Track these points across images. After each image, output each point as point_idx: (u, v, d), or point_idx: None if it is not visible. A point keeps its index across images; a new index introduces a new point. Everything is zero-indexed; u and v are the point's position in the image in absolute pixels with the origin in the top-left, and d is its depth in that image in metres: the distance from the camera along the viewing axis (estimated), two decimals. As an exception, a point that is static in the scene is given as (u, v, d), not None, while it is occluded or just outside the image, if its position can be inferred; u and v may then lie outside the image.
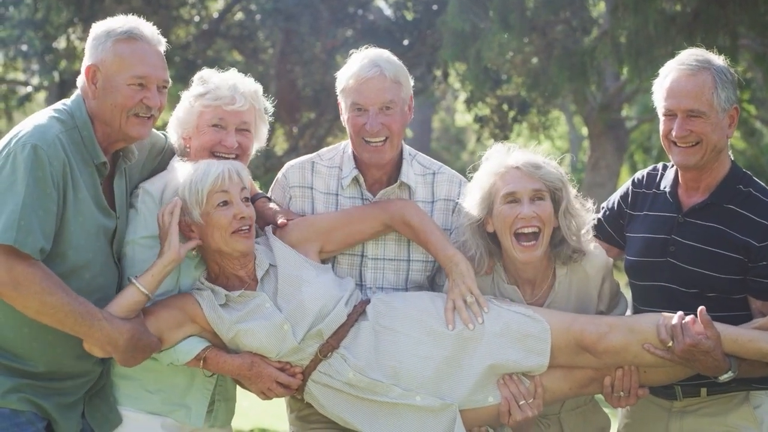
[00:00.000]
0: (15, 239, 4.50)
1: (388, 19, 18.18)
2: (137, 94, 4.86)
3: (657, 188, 5.34)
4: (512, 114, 18.14)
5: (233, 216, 4.97)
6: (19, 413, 4.72)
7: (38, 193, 4.57)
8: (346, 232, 5.28)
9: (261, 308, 5.03)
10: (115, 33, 4.85)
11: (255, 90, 5.34)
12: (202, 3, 19.52)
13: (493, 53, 13.35)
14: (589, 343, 4.96)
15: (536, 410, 5.00)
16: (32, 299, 4.59)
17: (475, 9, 12.68)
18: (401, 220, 5.24)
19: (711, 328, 4.84)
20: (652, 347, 4.91)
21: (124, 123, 4.88)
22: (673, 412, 5.31)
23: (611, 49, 11.50)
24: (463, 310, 5.03)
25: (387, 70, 5.23)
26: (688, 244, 5.14)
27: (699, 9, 11.48)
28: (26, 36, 17.52)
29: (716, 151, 5.09)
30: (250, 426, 13.96)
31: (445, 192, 5.49)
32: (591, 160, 18.77)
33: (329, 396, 5.06)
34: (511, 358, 4.97)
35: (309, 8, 17.11)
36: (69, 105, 4.89)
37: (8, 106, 20.73)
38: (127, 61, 4.84)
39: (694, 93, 5.02)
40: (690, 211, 5.18)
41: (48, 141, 4.65)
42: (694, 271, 5.11)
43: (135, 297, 4.87)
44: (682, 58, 5.12)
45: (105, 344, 4.78)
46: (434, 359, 4.98)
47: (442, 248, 5.20)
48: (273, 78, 18.13)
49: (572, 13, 14.50)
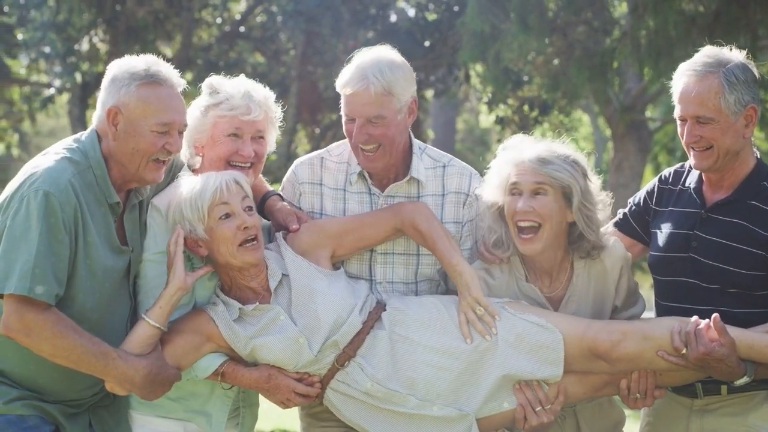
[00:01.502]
0: (29, 289, 4.52)
1: (409, 20, 18.14)
2: (160, 140, 4.84)
3: (683, 185, 5.33)
4: (533, 115, 18.09)
5: (237, 227, 4.95)
6: (25, 418, 4.73)
7: (51, 239, 4.58)
8: (358, 236, 5.26)
9: (276, 322, 5.03)
10: (139, 76, 4.81)
11: (267, 97, 5.32)
12: (225, 5, 19.56)
13: (513, 54, 13.29)
14: (603, 352, 4.94)
15: (552, 416, 5.00)
16: (45, 344, 4.61)
17: (495, 10, 12.63)
18: (411, 224, 5.22)
19: (725, 336, 4.81)
20: (666, 354, 4.89)
21: (143, 167, 4.87)
22: (693, 411, 5.29)
23: (631, 50, 11.44)
24: (476, 322, 5.03)
25: (374, 84, 5.14)
26: (711, 239, 5.13)
27: (720, 9, 11.42)
28: (48, 38, 17.60)
29: (731, 154, 5.07)
30: (270, 427, 13.99)
31: (456, 185, 5.46)
32: (614, 162, 18.69)
33: (347, 404, 5.06)
34: (525, 368, 4.96)
35: (330, 9, 17.11)
36: (83, 142, 4.87)
37: (31, 108, 20.84)
38: (152, 107, 4.81)
39: (699, 99, 4.98)
40: (713, 207, 5.17)
41: (60, 187, 4.64)
42: (715, 267, 5.09)
43: (147, 332, 4.87)
44: (694, 59, 5.06)
45: (122, 382, 4.80)
46: (451, 370, 4.97)
47: (448, 257, 5.17)
48: (294, 79, 18.13)
49: (594, 14, 14.42)
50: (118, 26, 17.16)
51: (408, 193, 5.42)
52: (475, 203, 5.42)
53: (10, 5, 18.66)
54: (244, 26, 19.60)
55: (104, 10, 17.07)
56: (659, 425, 5.45)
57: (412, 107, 5.33)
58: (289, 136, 18.20)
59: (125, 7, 17.07)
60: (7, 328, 4.60)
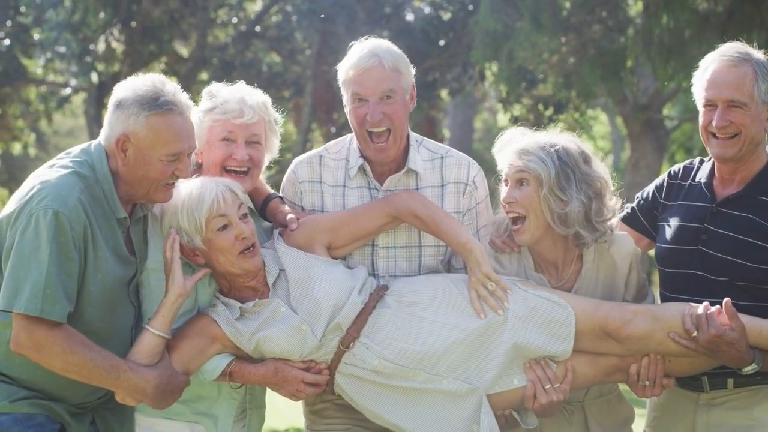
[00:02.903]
0: (41, 309, 4.52)
1: (423, 20, 18.15)
2: (169, 167, 4.82)
3: (692, 180, 5.35)
4: (548, 114, 18.06)
5: (235, 237, 4.94)
6: (32, 416, 4.74)
7: (62, 258, 4.57)
8: (353, 228, 5.26)
9: (277, 313, 5.03)
10: (149, 105, 4.76)
11: (263, 102, 5.31)
12: (240, 4, 19.61)
13: (526, 53, 13.26)
14: (613, 329, 4.94)
15: (562, 395, 4.98)
16: (55, 360, 4.61)
17: (507, 9, 12.61)
18: (408, 212, 5.21)
19: (736, 320, 4.83)
20: (677, 336, 4.89)
21: (153, 191, 4.86)
22: (700, 405, 5.29)
23: (642, 48, 11.40)
24: (488, 298, 5.02)
25: (386, 60, 5.21)
26: (721, 232, 5.14)
27: (733, 8, 11.38)
28: (63, 38, 17.67)
29: (754, 144, 5.10)
30: (285, 425, 14.00)
31: (455, 175, 5.46)
32: (631, 160, 18.66)
33: (357, 387, 5.06)
34: (535, 342, 4.96)
35: (345, 9, 17.14)
36: (91, 157, 4.84)
37: (48, 108, 20.94)
38: (162, 138, 4.76)
39: (735, 83, 5.02)
40: (724, 202, 5.18)
41: (70, 206, 4.61)
42: (725, 260, 5.10)
43: (152, 341, 4.87)
44: (723, 50, 5.11)
45: (134, 393, 4.79)
46: (462, 344, 4.97)
47: (454, 236, 5.16)
48: (310, 79, 18.17)
49: (608, 13, 14.38)
50: (133, 26, 17.24)
51: (407, 185, 5.43)
52: (475, 192, 5.45)
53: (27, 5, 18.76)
54: (260, 26, 19.65)
55: (120, 10, 17.13)
56: (665, 419, 5.45)
57: (412, 93, 5.39)
58: (305, 135, 18.25)
59: (141, 7, 17.13)
60: (18, 344, 4.61)
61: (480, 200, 5.49)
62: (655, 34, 11.40)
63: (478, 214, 5.48)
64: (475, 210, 5.47)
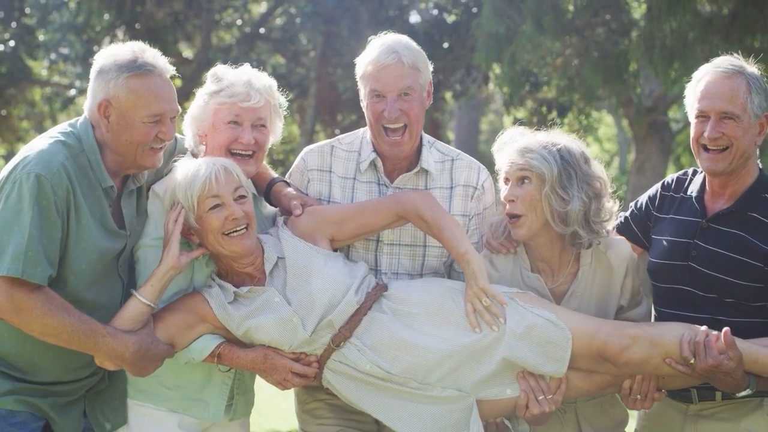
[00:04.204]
0: (23, 272, 4.55)
1: (427, 22, 18.16)
2: (153, 129, 4.86)
3: (684, 192, 5.33)
4: (552, 116, 18.05)
5: (225, 218, 4.95)
6: (15, 413, 4.77)
7: (43, 222, 4.61)
8: (358, 223, 5.24)
9: (270, 303, 5.03)
10: (127, 67, 4.81)
11: (269, 85, 5.32)
12: (245, 6, 19.62)
13: (529, 56, 13.24)
14: (611, 355, 4.93)
15: (554, 406, 4.99)
16: (35, 323, 4.63)
17: (510, 12, 12.57)
18: (415, 213, 5.19)
19: (734, 349, 4.82)
20: (674, 362, 4.89)
21: (140, 156, 4.89)
22: (688, 416, 5.30)
23: (644, 52, 11.37)
24: (484, 313, 5.00)
25: (405, 56, 5.24)
26: (710, 249, 5.12)
27: (736, 11, 11.34)
28: (68, 40, 17.69)
29: (744, 158, 5.08)
30: (288, 427, 13.99)
31: (464, 178, 5.48)
32: (636, 163, 18.61)
33: (346, 383, 5.07)
34: (529, 360, 4.95)
35: (349, 11, 17.15)
36: (77, 129, 4.88)
37: (52, 109, 20.97)
38: (143, 99, 4.82)
39: (728, 95, 5.03)
40: (714, 217, 5.16)
41: (52, 170, 4.65)
42: (714, 277, 5.09)
43: (137, 308, 4.89)
44: (717, 62, 5.13)
45: (112, 358, 4.82)
46: (453, 357, 4.96)
47: (455, 245, 5.13)
48: (314, 81, 18.19)
49: (612, 16, 14.34)
50: (137, 28, 17.26)
51: (416, 185, 5.44)
52: (483, 197, 5.47)
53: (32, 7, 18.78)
54: (264, 28, 19.66)
55: (124, 11, 17.14)
56: (654, 429, 5.46)
57: (429, 90, 5.41)
58: (309, 136, 18.24)
59: (145, 9, 17.14)
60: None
61: (487, 205, 5.51)
62: (657, 37, 11.37)
63: (485, 220, 5.48)
64: (483, 215, 5.49)
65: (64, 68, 20.43)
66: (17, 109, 21.90)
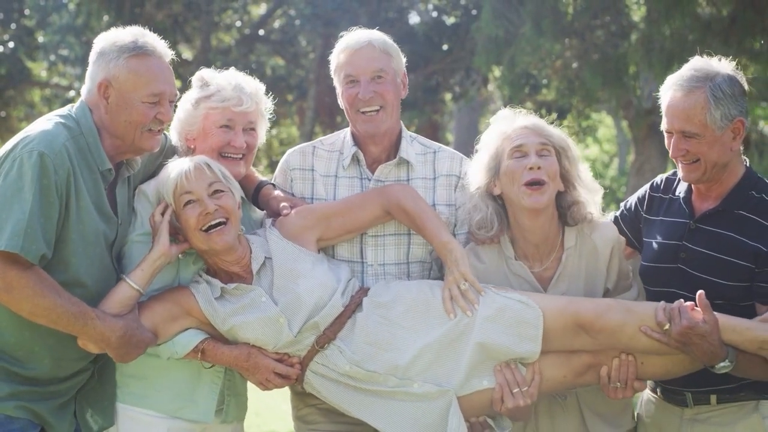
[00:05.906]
0: (21, 247, 4.55)
1: (426, 24, 18.17)
2: (152, 110, 4.90)
3: (673, 193, 5.34)
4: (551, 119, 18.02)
5: (199, 213, 4.99)
6: (13, 419, 4.78)
7: (43, 201, 4.62)
8: (346, 219, 5.29)
9: (256, 301, 5.06)
10: (128, 48, 4.85)
11: (258, 89, 5.39)
12: (244, 8, 19.63)
13: (528, 58, 13.25)
14: (587, 321, 4.96)
15: (529, 399, 5.01)
16: (25, 302, 4.64)
17: (509, 15, 12.59)
18: (397, 205, 5.25)
19: (709, 312, 4.84)
20: (649, 330, 4.91)
21: (138, 138, 4.92)
22: (684, 420, 5.30)
23: (643, 54, 11.38)
24: (459, 298, 5.04)
25: (376, 42, 5.35)
26: (699, 250, 5.13)
27: (735, 14, 11.34)
28: (67, 41, 17.71)
29: (719, 167, 5.06)
30: (287, 429, 13.99)
31: (447, 168, 5.53)
32: (635, 165, 18.62)
33: (328, 386, 5.10)
34: (502, 342, 4.98)
35: (348, 13, 17.17)
36: (75, 112, 4.91)
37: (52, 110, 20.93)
38: (142, 78, 4.86)
39: (685, 115, 4.98)
40: (701, 218, 5.17)
41: (55, 150, 4.68)
42: (703, 279, 5.09)
43: (126, 293, 4.92)
44: (681, 73, 5.06)
45: (97, 341, 4.84)
46: (430, 348, 5.00)
47: (437, 235, 5.20)
48: (313, 82, 18.19)
49: (612, 18, 14.35)
50: (137, 30, 17.21)
51: (398, 176, 5.48)
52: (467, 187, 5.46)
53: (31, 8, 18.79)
54: (263, 30, 19.67)
55: (123, 13, 17.18)
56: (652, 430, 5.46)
57: (404, 80, 5.49)
58: (308, 138, 18.24)
59: (144, 11, 17.18)
60: None
61: None
62: (657, 40, 11.38)
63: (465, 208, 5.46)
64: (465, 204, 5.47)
65: (63, 70, 20.44)
66: (17, 111, 21.92)
